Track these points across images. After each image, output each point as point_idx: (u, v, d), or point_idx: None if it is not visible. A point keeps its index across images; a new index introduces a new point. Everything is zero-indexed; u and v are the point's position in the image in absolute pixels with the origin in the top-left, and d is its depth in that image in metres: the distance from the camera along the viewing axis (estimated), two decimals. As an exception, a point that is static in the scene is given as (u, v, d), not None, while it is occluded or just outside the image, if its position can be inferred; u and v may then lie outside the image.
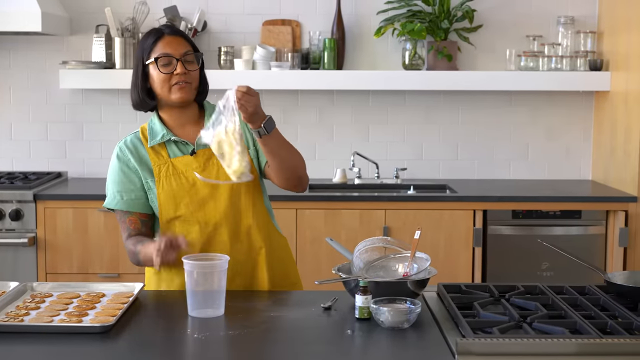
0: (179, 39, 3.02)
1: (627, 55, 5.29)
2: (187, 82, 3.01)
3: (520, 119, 5.89)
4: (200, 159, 3.04)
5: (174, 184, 3.02)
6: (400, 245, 3.15)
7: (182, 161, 3.04)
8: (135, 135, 3.11)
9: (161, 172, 3.03)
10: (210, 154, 2.97)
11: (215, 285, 2.83)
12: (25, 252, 5.13)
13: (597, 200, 5.24)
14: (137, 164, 3.05)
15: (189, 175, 3.02)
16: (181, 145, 3.07)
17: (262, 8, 5.79)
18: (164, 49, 2.99)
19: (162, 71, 2.98)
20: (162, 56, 2.98)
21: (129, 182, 3.06)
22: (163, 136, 3.04)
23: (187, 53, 3.01)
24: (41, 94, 5.83)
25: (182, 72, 2.98)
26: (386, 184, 5.73)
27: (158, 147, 3.06)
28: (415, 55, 5.66)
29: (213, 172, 3.03)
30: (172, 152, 3.06)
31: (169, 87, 3.00)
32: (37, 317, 2.75)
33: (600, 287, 3.03)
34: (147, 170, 3.05)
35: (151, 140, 3.05)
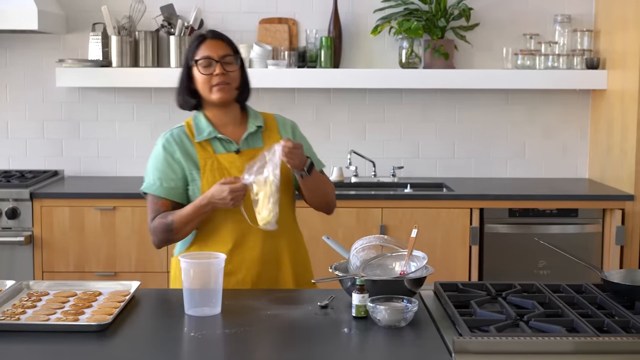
0: (220, 42, 3.21)
1: (624, 54, 5.29)
2: (226, 82, 3.19)
3: (517, 117, 5.89)
4: (244, 157, 3.21)
5: (218, 178, 3.16)
6: (397, 243, 3.15)
7: (226, 158, 3.22)
8: (181, 130, 3.29)
9: (207, 165, 3.19)
10: (252, 154, 3.18)
11: (212, 283, 2.83)
12: (22, 250, 5.12)
13: (594, 198, 5.24)
14: (183, 156, 3.22)
15: (232, 171, 3.18)
16: (225, 142, 3.23)
17: (259, 6, 5.79)
18: (205, 51, 3.19)
19: (203, 72, 3.19)
20: (202, 58, 3.19)
21: (172, 172, 3.22)
22: (209, 133, 3.22)
23: (226, 55, 3.20)
24: (37, 92, 5.82)
25: (220, 72, 3.17)
26: (383, 182, 5.73)
27: (204, 143, 3.23)
28: (412, 53, 5.65)
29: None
30: (217, 148, 3.23)
31: (209, 87, 3.20)
32: (33, 315, 2.75)
33: (597, 286, 3.03)
34: (192, 163, 3.21)
35: (198, 136, 3.23)
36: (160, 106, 5.82)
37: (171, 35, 5.62)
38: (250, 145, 3.25)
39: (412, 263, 3.03)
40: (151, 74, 5.57)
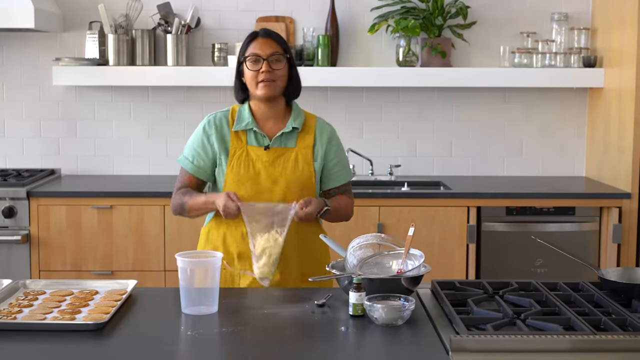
0: (269, 41, 3.35)
1: (621, 52, 5.29)
2: (272, 79, 3.32)
3: (514, 115, 5.89)
4: (271, 154, 3.35)
5: (242, 169, 3.33)
6: (394, 242, 3.15)
7: (256, 151, 3.35)
8: (224, 115, 3.44)
9: (235, 154, 3.35)
10: (281, 152, 3.35)
11: (209, 282, 2.83)
12: (19, 249, 5.12)
13: (591, 196, 5.24)
14: (217, 140, 3.38)
15: (257, 165, 3.33)
16: (260, 136, 3.37)
17: (256, 4, 5.79)
18: (254, 49, 3.34)
19: (250, 69, 3.33)
20: (251, 55, 3.33)
21: (203, 152, 3.40)
22: (247, 124, 3.37)
23: (274, 54, 3.33)
24: (34, 90, 5.82)
25: (266, 70, 3.30)
26: (380, 180, 5.73)
27: (240, 132, 3.38)
28: (409, 51, 5.65)
29: (277, 170, 3.34)
30: (250, 140, 3.37)
31: (255, 83, 3.33)
32: (30, 314, 2.75)
33: (594, 284, 3.03)
34: (224, 148, 3.37)
35: (236, 125, 3.38)
36: (157, 105, 5.82)
37: (168, 33, 5.61)
38: (282, 144, 3.38)
39: (409, 261, 3.03)
40: (148, 73, 5.57)
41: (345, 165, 3.53)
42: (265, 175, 3.33)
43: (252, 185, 3.33)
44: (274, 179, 3.33)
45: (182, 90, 5.81)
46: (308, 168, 3.36)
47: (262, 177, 3.33)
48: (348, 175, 3.54)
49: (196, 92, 5.78)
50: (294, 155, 3.37)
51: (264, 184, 3.33)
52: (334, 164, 3.46)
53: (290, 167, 3.35)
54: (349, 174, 3.55)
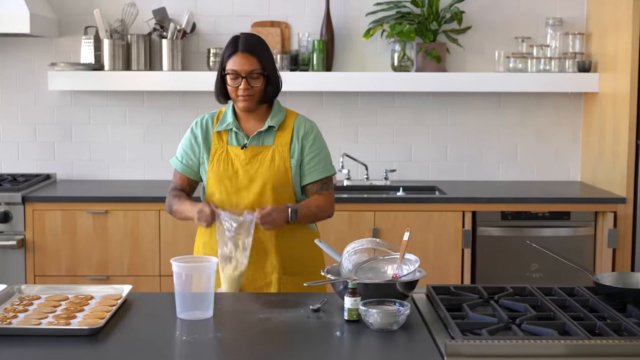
0: (249, 57, 3.40)
1: (615, 57, 5.30)
2: (250, 95, 3.41)
3: (509, 120, 5.90)
4: (248, 153, 3.45)
5: (222, 167, 3.45)
6: (390, 246, 3.15)
7: (234, 150, 3.47)
8: (211, 116, 3.57)
9: (216, 154, 3.48)
10: (258, 150, 3.45)
11: (203, 287, 2.83)
12: (14, 254, 5.11)
13: (586, 201, 5.25)
14: (203, 140, 3.51)
15: (235, 163, 3.45)
16: (240, 136, 3.49)
17: (251, 9, 5.79)
18: (234, 65, 3.40)
19: (230, 84, 3.42)
20: (230, 72, 3.41)
21: (191, 153, 3.54)
22: (228, 125, 3.49)
23: (253, 72, 3.40)
24: (30, 95, 5.81)
25: (245, 87, 3.40)
26: (375, 185, 5.73)
27: (222, 132, 3.51)
28: (404, 56, 5.66)
29: (254, 168, 3.43)
30: (230, 140, 3.50)
31: (235, 96, 3.44)
32: (25, 319, 2.74)
33: (589, 289, 3.04)
34: (207, 149, 3.51)
35: (218, 126, 3.51)
36: (153, 109, 5.82)
37: (163, 38, 5.62)
38: (260, 142, 3.47)
39: (404, 266, 3.03)
40: (143, 78, 5.57)
41: (321, 160, 3.53)
42: (242, 173, 3.44)
43: (230, 183, 3.44)
44: (250, 177, 3.43)
45: (177, 95, 5.81)
46: (284, 165, 3.44)
47: (240, 175, 3.44)
48: (326, 171, 3.53)
49: (191, 97, 5.79)
50: (271, 153, 3.45)
51: (241, 181, 3.44)
52: (309, 160, 3.49)
53: (266, 164, 3.44)
54: (327, 170, 3.54)
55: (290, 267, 3.46)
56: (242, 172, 3.43)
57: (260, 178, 3.42)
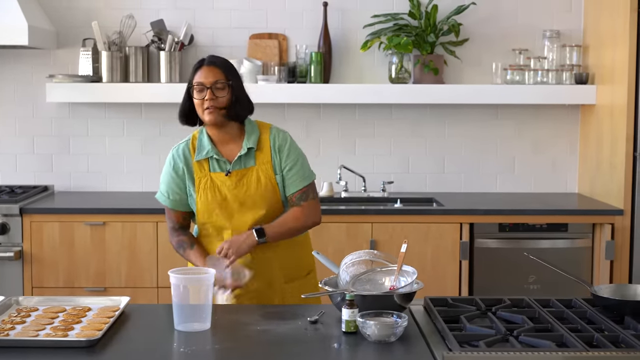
0: (213, 69, 3.42)
1: (613, 69, 5.31)
2: (216, 107, 3.39)
3: (507, 132, 5.91)
4: (233, 178, 3.44)
5: (210, 196, 3.43)
6: (387, 258, 3.15)
7: (218, 177, 3.45)
8: (186, 145, 3.52)
9: (201, 184, 3.45)
10: (242, 174, 3.44)
11: (201, 299, 2.83)
12: (11, 266, 5.11)
13: (584, 213, 5.25)
14: (187, 172, 3.48)
15: (222, 190, 3.43)
16: (221, 162, 3.46)
17: (249, 22, 5.80)
18: (199, 78, 3.42)
19: (196, 97, 3.42)
20: (196, 85, 3.42)
21: (176, 186, 3.50)
22: (207, 152, 3.45)
23: (218, 82, 3.40)
24: (28, 107, 5.82)
25: (209, 98, 3.38)
26: (373, 197, 5.73)
27: (202, 161, 3.47)
28: (402, 68, 5.67)
29: (242, 192, 3.43)
30: (212, 167, 3.47)
31: (202, 110, 3.41)
32: (22, 331, 2.74)
33: (587, 300, 3.04)
34: (191, 179, 3.48)
35: (197, 155, 3.47)
36: (151, 121, 5.83)
37: (161, 50, 5.63)
38: (242, 165, 3.45)
39: (402, 278, 3.03)
40: (141, 90, 5.58)
41: (299, 170, 3.51)
42: (232, 199, 3.43)
43: (221, 210, 3.44)
44: (240, 201, 3.43)
45: (175, 106, 5.70)
46: (270, 183, 3.45)
47: (230, 201, 3.43)
48: (304, 180, 3.52)
49: (189, 108, 5.79)
50: (255, 174, 3.45)
51: (232, 207, 3.44)
52: (287, 171, 3.49)
53: (253, 186, 3.44)
54: (305, 179, 3.53)
55: (290, 274, 3.50)
56: (231, 197, 3.43)
57: (250, 200, 3.43)
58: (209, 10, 5.80)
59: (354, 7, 5.80)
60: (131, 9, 5.71)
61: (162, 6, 5.77)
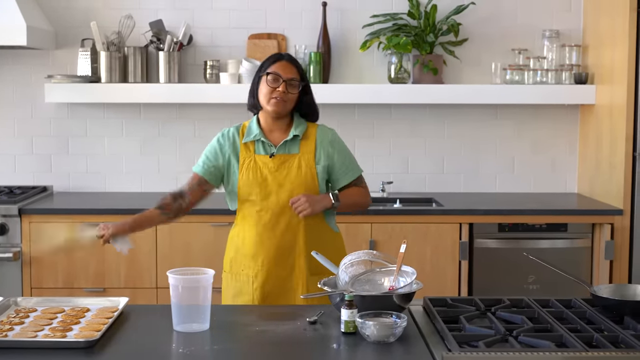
0: (292, 67, 3.64)
1: (612, 69, 5.31)
2: (284, 100, 3.59)
3: (506, 132, 5.90)
4: (276, 161, 3.61)
5: (251, 176, 3.60)
6: (386, 258, 3.15)
7: (262, 159, 3.63)
8: (236, 128, 3.71)
9: (244, 163, 3.62)
10: (285, 159, 3.62)
11: (200, 299, 2.82)
12: (10, 266, 5.10)
13: (583, 213, 5.25)
14: (231, 150, 3.66)
15: (264, 171, 3.60)
16: (267, 145, 3.65)
17: (248, 22, 5.80)
18: (277, 68, 3.61)
19: (269, 85, 3.59)
20: (273, 73, 3.60)
21: (214, 159, 3.68)
22: (255, 136, 3.65)
23: (293, 79, 3.61)
24: (26, 108, 5.81)
25: (282, 90, 3.58)
26: (372, 197, 5.69)
27: (249, 143, 3.66)
28: (401, 68, 5.66)
29: (282, 175, 3.60)
30: (257, 149, 3.65)
31: (269, 98, 3.60)
32: (21, 332, 2.74)
33: (587, 300, 3.04)
34: (236, 157, 3.65)
35: (245, 137, 3.66)
36: (150, 122, 5.82)
37: (160, 51, 5.62)
38: (286, 150, 3.64)
39: (401, 278, 3.03)
40: (140, 90, 5.57)
41: (350, 163, 3.76)
42: (271, 180, 3.59)
43: (260, 189, 3.59)
44: (279, 183, 3.59)
45: (174, 107, 5.81)
46: (310, 171, 3.62)
47: (269, 182, 3.59)
48: (355, 172, 3.77)
49: (188, 109, 5.79)
50: (297, 161, 3.62)
51: (270, 187, 3.59)
52: (340, 165, 3.70)
53: (294, 171, 3.61)
54: (356, 171, 3.78)
55: (316, 267, 3.51)
56: (271, 178, 3.59)
57: (289, 184, 3.59)
58: (207, 11, 5.80)
59: (353, 7, 5.80)
60: (130, 9, 5.71)
61: (161, 6, 5.77)
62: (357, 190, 3.76)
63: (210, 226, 4.96)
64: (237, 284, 3.63)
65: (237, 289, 3.62)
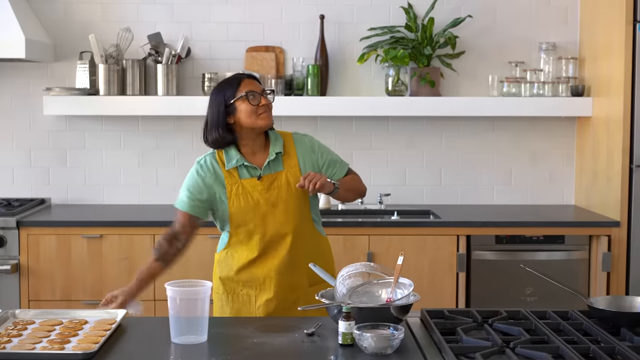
0: (254, 81, 3.62)
1: (608, 81, 5.33)
2: (269, 111, 3.60)
3: (503, 144, 5.92)
4: (265, 182, 3.56)
5: (242, 202, 3.53)
6: (384, 270, 3.16)
7: (250, 183, 3.56)
8: (212, 156, 3.62)
9: (232, 190, 3.54)
10: (272, 178, 3.56)
11: (198, 311, 2.83)
12: (8, 279, 5.10)
13: (580, 225, 5.26)
14: (213, 181, 3.57)
15: (254, 195, 3.54)
16: (251, 169, 3.58)
17: (246, 35, 5.81)
18: (248, 87, 3.56)
19: (252, 103, 3.53)
20: (251, 92, 3.54)
21: (199, 193, 3.57)
22: (237, 161, 3.56)
23: (264, 90, 3.60)
24: (25, 120, 5.82)
25: (266, 102, 3.57)
26: (370, 209, 5.73)
27: (232, 170, 3.57)
28: (398, 81, 5.68)
29: (274, 195, 3.55)
30: (242, 174, 3.57)
31: (256, 116, 3.53)
32: (19, 344, 2.74)
33: (583, 312, 3.04)
34: (221, 187, 3.56)
35: (228, 164, 3.57)
36: (148, 134, 5.83)
37: (158, 63, 5.63)
38: (271, 170, 3.58)
39: (399, 290, 3.04)
40: (138, 103, 5.59)
41: (335, 162, 3.74)
42: (263, 202, 3.53)
43: (254, 214, 3.54)
44: (272, 203, 3.54)
45: (172, 119, 5.82)
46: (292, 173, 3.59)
47: (262, 204, 3.53)
48: (343, 168, 3.75)
49: (186, 121, 5.80)
50: (285, 177, 3.57)
51: (264, 209, 3.54)
52: (327, 165, 3.70)
53: (284, 188, 3.55)
54: (343, 167, 3.76)
55: (314, 278, 3.50)
56: (263, 201, 3.53)
57: (282, 203, 3.54)
58: (206, 23, 5.81)
59: (350, 20, 5.82)
60: (128, 22, 5.73)
61: (159, 19, 5.78)
62: (350, 176, 3.75)
63: (208, 238, 4.96)
64: (235, 305, 3.59)
65: (236, 309, 3.59)
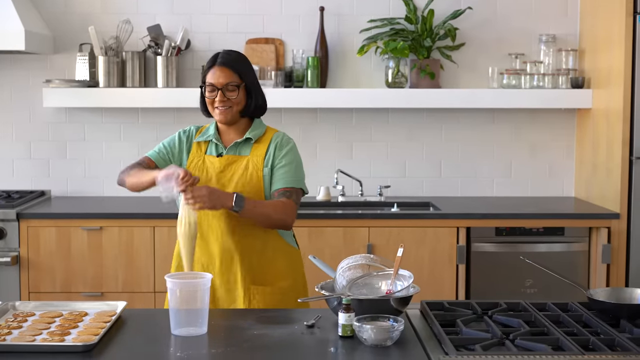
0: (225, 70, 3.49)
1: (608, 73, 5.32)
2: (228, 106, 3.50)
3: (503, 136, 5.91)
4: (224, 161, 3.52)
5: (196, 175, 3.43)
6: (384, 262, 3.16)
7: (211, 159, 3.55)
8: (196, 128, 3.70)
9: (192, 162, 3.57)
10: (233, 160, 3.52)
11: (198, 303, 2.83)
12: (8, 271, 5.10)
13: (580, 217, 5.26)
14: (186, 148, 3.63)
15: (210, 171, 3.51)
16: (219, 147, 3.57)
17: (246, 26, 5.81)
18: (211, 78, 3.50)
19: (207, 97, 3.53)
20: (208, 85, 3.51)
21: (171, 150, 3.64)
22: (209, 137, 3.59)
23: (229, 84, 3.48)
24: (24, 112, 5.82)
25: (220, 99, 3.48)
26: (370, 201, 5.73)
27: (202, 143, 3.61)
28: (398, 73, 5.68)
29: (227, 176, 3.49)
30: (210, 150, 3.59)
31: (212, 109, 3.54)
32: (19, 336, 2.74)
33: (583, 304, 3.05)
34: (187, 154, 3.61)
35: (199, 137, 3.62)
36: (148, 126, 5.83)
37: (158, 55, 5.63)
38: (237, 152, 3.54)
39: (399, 282, 3.04)
40: (138, 94, 5.58)
41: (291, 171, 3.51)
42: (215, 181, 3.49)
43: None
44: (222, 184, 3.47)
45: (172, 111, 5.82)
46: (256, 174, 3.48)
47: (213, 182, 3.48)
48: (293, 182, 3.50)
49: (186, 113, 5.79)
50: (245, 163, 3.50)
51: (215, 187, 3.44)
52: (279, 167, 3.50)
53: (239, 172, 3.48)
54: (295, 182, 3.50)
55: (260, 276, 3.44)
56: (215, 179, 3.48)
57: (231, 185, 3.45)
58: (205, 15, 5.81)
59: (350, 12, 5.81)
60: (128, 14, 5.72)
61: (159, 11, 5.78)
62: (275, 202, 3.43)
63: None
64: None
65: None
